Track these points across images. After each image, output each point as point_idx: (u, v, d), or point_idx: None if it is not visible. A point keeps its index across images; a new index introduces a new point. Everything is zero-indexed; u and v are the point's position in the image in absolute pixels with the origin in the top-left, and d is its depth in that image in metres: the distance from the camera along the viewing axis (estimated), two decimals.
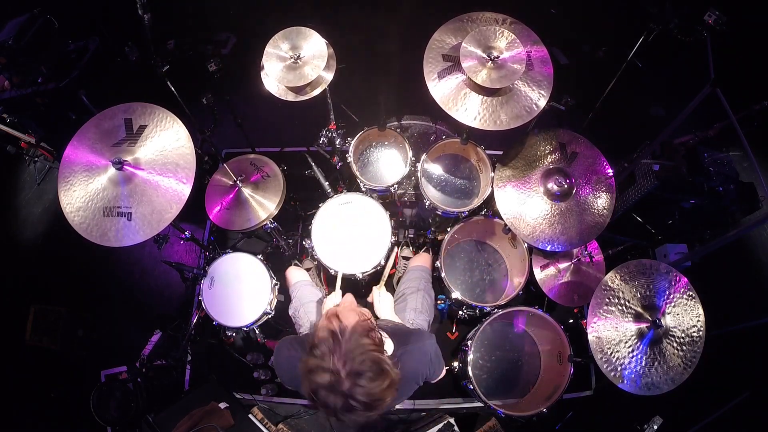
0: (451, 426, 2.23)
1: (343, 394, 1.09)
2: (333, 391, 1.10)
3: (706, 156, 2.85)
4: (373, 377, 1.11)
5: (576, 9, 3.64)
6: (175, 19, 3.65)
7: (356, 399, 1.09)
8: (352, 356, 1.11)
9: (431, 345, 1.46)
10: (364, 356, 1.11)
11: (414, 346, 1.42)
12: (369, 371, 1.10)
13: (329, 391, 1.10)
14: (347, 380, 1.09)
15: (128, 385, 2.40)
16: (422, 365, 1.43)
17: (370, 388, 1.10)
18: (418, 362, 1.42)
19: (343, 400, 1.10)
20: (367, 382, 1.10)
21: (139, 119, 1.96)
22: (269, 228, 2.51)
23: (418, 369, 1.42)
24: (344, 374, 1.09)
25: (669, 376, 1.77)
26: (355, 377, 1.09)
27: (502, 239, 2.61)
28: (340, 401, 1.10)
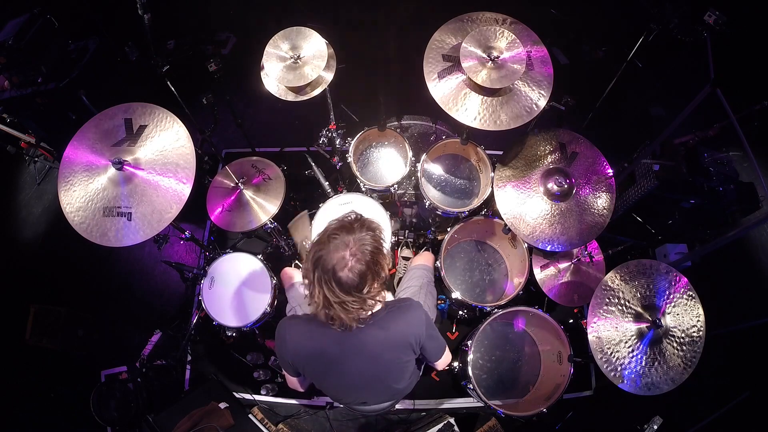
0: (451, 426, 2.23)
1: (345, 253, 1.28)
2: (340, 254, 1.27)
3: (706, 156, 2.85)
4: (373, 249, 1.32)
5: (576, 9, 3.64)
6: (175, 19, 3.65)
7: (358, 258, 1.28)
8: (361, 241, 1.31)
9: (419, 312, 1.52)
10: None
11: (404, 305, 1.50)
12: (372, 243, 1.32)
13: (338, 252, 1.27)
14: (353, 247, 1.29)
15: (128, 385, 2.40)
16: (408, 329, 1.48)
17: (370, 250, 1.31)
18: (407, 319, 1.48)
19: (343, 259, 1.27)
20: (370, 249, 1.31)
21: (139, 119, 1.96)
22: (269, 228, 2.51)
23: (404, 331, 1.47)
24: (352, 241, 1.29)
25: (669, 376, 1.77)
26: (360, 243, 1.30)
27: (502, 239, 2.61)
28: (342, 262, 1.27)
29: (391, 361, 1.52)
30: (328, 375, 1.53)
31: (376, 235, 1.34)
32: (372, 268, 1.31)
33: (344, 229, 1.32)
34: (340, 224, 1.34)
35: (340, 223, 1.35)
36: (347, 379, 1.53)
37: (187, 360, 2.80)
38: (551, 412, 2.12)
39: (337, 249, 1.28)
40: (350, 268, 1.28)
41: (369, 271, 1.30)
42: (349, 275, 1.28)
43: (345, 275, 1.27)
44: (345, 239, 1.29)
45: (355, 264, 1.28)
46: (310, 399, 2.69)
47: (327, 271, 1.28)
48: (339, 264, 1.27)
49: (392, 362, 1.52)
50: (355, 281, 1.28)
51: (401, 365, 1.54)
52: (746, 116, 2.79)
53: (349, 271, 1.27)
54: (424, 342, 1.53)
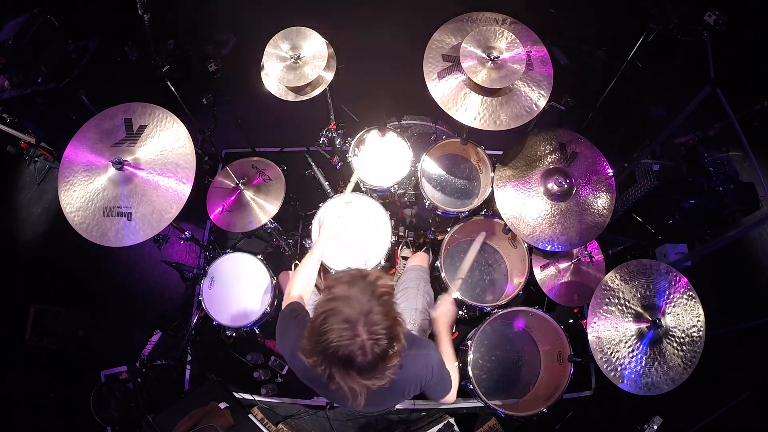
0: (451, 426, 2.22)
1: (358, 340, 1.10)
2: (350, 335, 1.09)
3: (706, 156, 2.85)
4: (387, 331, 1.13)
5: (576, 9, 3.64)
6: (175, 19, 3.65)
7: (376, 338, 1.10)
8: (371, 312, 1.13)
9: (435, 355, 1.44)
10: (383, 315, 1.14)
11: (419, 351, 1.40)
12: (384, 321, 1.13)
13: (347, 336, 1.10)
14: (362, 321, 1.10)
15: (128, 385, 2.40)
16: (424, 371, 1.42)
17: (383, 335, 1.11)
18: (421, 366, 1.40)
19: (352, 347, 1.10)
20: (382, 317, 1.12)
21: (139, 119, 1.96)
22: (269, 228, 2.51)
23: (419, 373, 1.41)
24: (362, 321, 1.10)
25: (669, 376, 1.77)
26: (371, 324, 1.11)
27: (502, 239, 2.61)
28: (358, 346, 1.10)
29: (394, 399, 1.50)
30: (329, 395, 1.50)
31: (384, 301, 1.15)
32: (392, 340, 1.14)
33: (344, 301, 1.13)
34: (337, 294, 1.15)
35: (337, 290, 1.16)
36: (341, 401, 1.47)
37: (187, 360, 2.80)
38: (551, 412, 2.12)
39: (343, 334, 1.09)
40: (366, 353, 1.10)
41: (390, 344, 1.14)
42: (367, 359, 1.11)
43: (362, 361, 1.11)
44: (348, 315, 1.10)
45: (372, 347, 1.10)
46: (310, 399, 2.69)
47: (341, 361, 1.11)
48: (353, 352, 1.10)
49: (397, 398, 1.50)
50: (377, 361, 1.12)
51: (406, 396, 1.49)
52: (746, 116, 2.79)
53: (364, 357, 1.10)
54: (430, 385, 1.47)
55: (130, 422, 2.32)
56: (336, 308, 1.13)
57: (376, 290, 1.16)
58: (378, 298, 1.14)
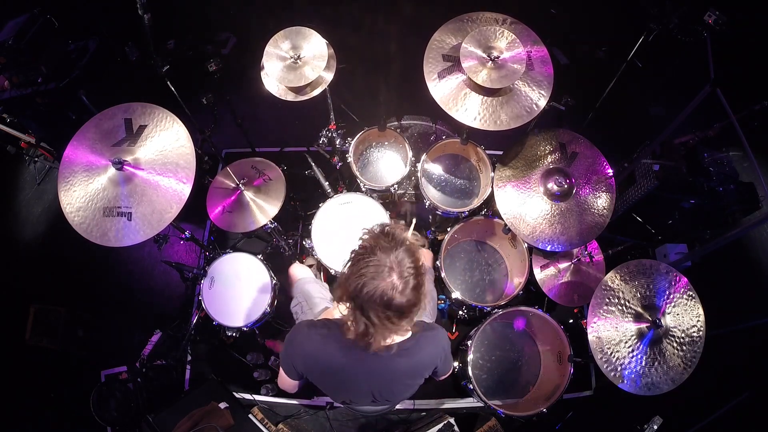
0: (451, 426, 2.23)
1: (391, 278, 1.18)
2: (385, 276, 1.18)
3: (706, 156, 2.85)
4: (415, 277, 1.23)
5: (576, 9, 3.64)
6: (175, 19, 3.65)
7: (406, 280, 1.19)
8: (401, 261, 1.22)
9: (444, 335, 1.50)
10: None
11: (430, 332, 1.46)
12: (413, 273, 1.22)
13: (384, 276, 1.18)
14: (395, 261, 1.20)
15: (128, 385, 2.40)
16: (436, 353, 1.46)
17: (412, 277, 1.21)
18: (434, 348, 1.45)
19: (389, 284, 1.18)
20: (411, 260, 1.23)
21: (139, 119, 1.96)
22: (269, 228, 2.51)
23: (433, 355, 1.45)
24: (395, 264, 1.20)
25: (669, 376, 1.77)
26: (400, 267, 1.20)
27: (502, 239, 2.61)
28: (392, 286, 1.18)
29: (409, 385, 1.52)
30: (339, 389, 1.52)
31: (411, 247, 1.26)
32: (420, 280, 1.24)
33: (378, 249, 1.22)
34: (370, 246, 1.24)
35: (370, 242, 1.25)
36: (359, 395, 1.52)
37: (187, 360, 2.80)
38: (551, 412, 2.13)
39: (381, 276, 1.18)
40: (402, 292, 1.19)
41: (419, 283, 1.23)
42: (406, 299, 1.20)
43: (400, 301, 1.19)
44: (384, 261, 1.20)
45: (406, 287, 1.19)
46: (310, 399, 2.69)
47: (378, 302, 1.19)
48: (390, 292, 1.18)
49: (409, 386, 1.52)
50: (412, 301, 1.22)
51: (415, 386, 1.54)
52: (746, 116, 2.79)
53: (402, 295, 1.19)
54: (440, 365, 1.52)
55: (130, 422, 2.32)
56: (367, 255, 1.22)
57: (402, 239, 1.26)
58: (401, 243, 1.24)
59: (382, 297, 1.18)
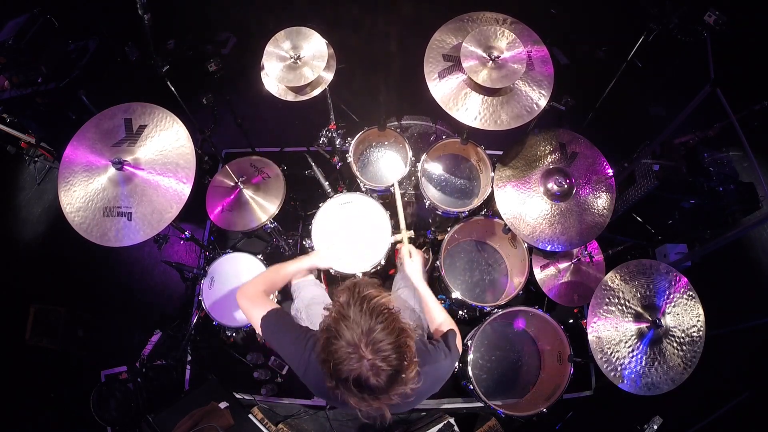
0: (451, 426, 2.23)
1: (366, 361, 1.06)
2: (357, 357, 1.05)
3: (706, 156, 2.85)
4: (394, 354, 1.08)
5: (576, 9, 3.64)
6: (175, 19, 3.65)
7: (384, 357, 1.06)
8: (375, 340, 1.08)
9: (447, 365, 1.39)
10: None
11: (431, 367, 1.34)
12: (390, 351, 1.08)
13: (353, 358, 1.06)
14: (364, 341, 1.06)
15: (128, 385, 2.40)
16: (436, 383, 1.39)
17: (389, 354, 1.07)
18: (433, 381, 1.37)
19: (362, 368, 1.06)
20: (385, 334, 1.08)
21: (139, 119, 1.96)
22: (269, 228, 2.51)
23: (434, 385, 1.39)
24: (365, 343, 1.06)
25: (669, 376, 1.77)
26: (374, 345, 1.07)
27: (502, 239, 2.61)
28: (366, 369, 1.06)
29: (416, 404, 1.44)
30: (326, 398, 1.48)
31: (385, 316, 1.10)
32: (402, 354, 1.09)
33: (343, 323, 1.08)
34: (336, 315, 1.11)
35: (335, 311, 1.12)
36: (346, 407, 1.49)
37: (187, 360, 2.80)
38: (551, 412, 2.13)
39: (349, 359, 1.05)
40: (378, 374, 1.05)
41: (400, 358, 1.08)
42: (381, 380, 1.06)
43: (375, 383, 1.06)
44: (350, 339, 1.06)
45: (380, 366, 1.05)
46: (310, 399, 2.69)
47: (354, 385, 1.07)
48: (362, 375, 1.06)
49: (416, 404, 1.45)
50: (392, 379, 1.07)
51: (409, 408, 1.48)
52: (746, 116, 2.78)
53: (377, 378, 1.06)
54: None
55: (130, 422, 2.32)
56: (337, 331, 1.09)
57: (374, 307, 1.11)
58: (378, 315, 1.09)
59: (356, 380, 1.06)
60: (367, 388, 1.07)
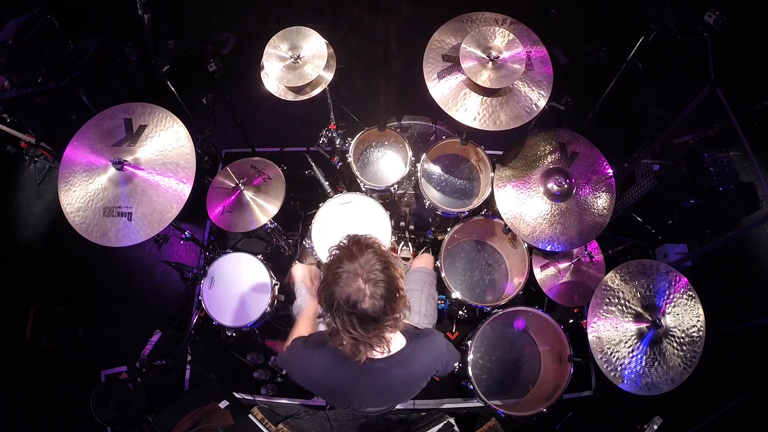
0: (451, 426, 2.23)
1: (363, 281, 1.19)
2: (355, 286, 1.18)
3: (706, 156, 2.85)
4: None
5: (576, 9, 3.64)
6: (175, 19, 3.65)
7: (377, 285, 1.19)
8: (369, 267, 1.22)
9: (441, 339, 1.48)
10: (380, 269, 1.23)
11: (425, 338, 1.44)
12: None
13: (352, 285, 1.19)
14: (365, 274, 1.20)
15: (128, 385, 2.40)
16: (434, 358, 1.44)
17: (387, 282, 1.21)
18: (430, 354, 1.43)
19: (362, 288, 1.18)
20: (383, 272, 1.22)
21: (139, 119, 1.96)
22: (269, 228, 2.51)
23: (430, 362, 1.44)
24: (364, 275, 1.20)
25: (669, 376, 1.77)
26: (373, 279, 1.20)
27: (502, 239, 2.61)
28: (362, 295, 1.18)
29: (408, 393, 1.52)
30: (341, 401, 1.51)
31: (378, 250, 1.26)
32: (391, 284, 1.23)
33: (345, 257, 1.23)
34: (337, 255, 1.26)
35: (337, 252, 1.27)
36: (362, 405, 1.52)
37: (187, 360, 2.80)
38: (551, 412, 2.12)
39: (348, 281, 1.19)
40: (371, 295, 1.19)
41: (390, 288, 1.22)
42: (374, 303, 1.19)
43: (369, 304, 1.18)
44: (351, 268, 1.21)
45: (374, 289, 1.19)
46: (310, 399, 2.69)
47: (349, 307, 1.19)
48: (358, 295, 1.18)
49: (409, 393, 1.52)
50: (382, 305, 1.20)
51: (417, 390, 1.52)
52: (746, 116, 2.79)
53: (371, 299, 1.19)
54: (441, 369, 1.50)
55: (130, 422, 2.32)
56: (340, 261, 1.23)
57: (369, 243, 1.28)
58: (370, 247, 1.26)
59: (347, 301, 1.18)
60: (361, 311, 1.18)
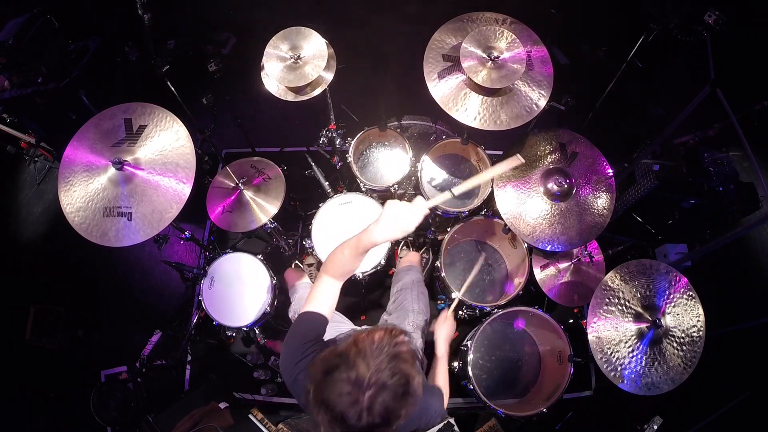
0: (451, 426, 2.22)
1: (362, 404, 0.98)
2: (352, 399, 0.99)
3: (706, 156, 2.85)
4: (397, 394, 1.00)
5: (576, 9, 3.64)
6: (175, 19, 3.65)
7: (372, 412, 0.99)
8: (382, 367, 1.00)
9: (436, 406, 1.40)
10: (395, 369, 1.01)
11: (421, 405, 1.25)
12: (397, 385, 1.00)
13: (347, 398, 0.99)
14: (370, 390, 0.98)
15: (128, 385, 2.40)
16: (421, 421, 1.35)
17: (392, 404, 1.00)
18: (420, 420, 1.33)
19: (359, 411, 0.99)
20: (391, 397, 1.00)
21: (139, 119, 1.96)
22: (269, 228, 2.51)
23: (416, 424, 1.34)
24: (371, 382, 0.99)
25: (669, 376, 1.77)
26: (380, 389, 0.99)
27: (502, 239, 2.61)
28: (354, 412, 0.99)
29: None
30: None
31: (403, 381, 1.01)
32: (389, 418, 1.00)
33: (362, 358, 1.00)
34: (359, 343, 1.03)
35: (360, 341, 1.04)
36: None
37: (187, 360, 2.80)
38: (551, 412, 2.12)
39: (345, 391, 0.98)
40: (360, 419, 0.98)
41: (386, 420, 1.00)
42: (360, 424, 0.98)
43: (354, 424, 0.99)
44: (360, 375, 0.98)
45: (366, 416, 0.98)
46: None
47: (332, 414, 1.00)
48: (346, 413, 0.98)
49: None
50: (365, 427, 1.00)
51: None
52: (746, 116, 2.78)
53: (358, 421, 0.98)
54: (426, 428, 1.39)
55: (130, 422, 2.32)
56: (351, 360, 1.01)
57: (399, 363, 1.02)
58: (398, 374, 1.01)
59: (338, 414, 0.99)
60: (341, 419, 1.00)
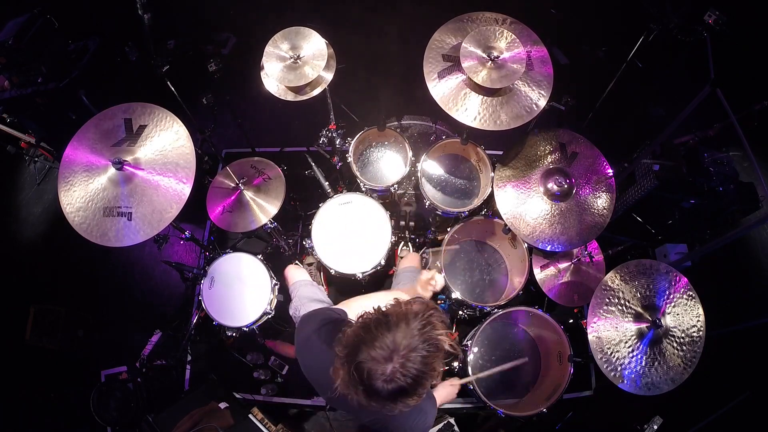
0: (451, 426, 2.23)
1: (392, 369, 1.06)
2: (382, 363, 1.06)
3: (706, 156, 2.85)
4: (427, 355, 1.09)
5: (576, 9, 3.64)
6: (175, 19, 3.65)
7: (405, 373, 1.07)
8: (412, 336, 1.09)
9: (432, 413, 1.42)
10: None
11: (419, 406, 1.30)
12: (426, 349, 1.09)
13: (376, 353, 1.07)
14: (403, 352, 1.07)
15: (128, 385, 2.40)
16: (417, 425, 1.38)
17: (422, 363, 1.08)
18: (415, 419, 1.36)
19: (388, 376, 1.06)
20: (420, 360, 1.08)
21: (139, 119, 1.96)
22: (269, 228, 2.51)
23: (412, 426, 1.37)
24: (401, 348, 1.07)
25: (669, 376, 1.77)
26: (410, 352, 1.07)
27: (502, 239, 2.61)
28: (381, 372, 1.06)
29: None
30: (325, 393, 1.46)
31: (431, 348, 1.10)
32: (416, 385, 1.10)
33: (394, 324, 1.09)
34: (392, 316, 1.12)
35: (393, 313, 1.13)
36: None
37: (187, 360, 2.80)
38: (551, 412, 2.12)
39: (377, 357, 1.06)
40: (387, 382, 1.07)
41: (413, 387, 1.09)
42: (385, 387, 1.07)
43: (380, 386, 1.07)
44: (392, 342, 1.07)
45: (398, 378, 1.06)
46: (311, 399, 2.69)
47: (360, 375, 1.08)
48: (375, 374, 1.07)
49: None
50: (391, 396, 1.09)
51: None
52: (746, 116, 2.78)
53: (385, 383, 1.07)
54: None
55: (130, 422, 2.32)
56: (388, 325, 1.10)
57: (432, 335, 1.11)
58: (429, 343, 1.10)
59: (366, 374, 1.07)
60: (369, 385, 1.08)
